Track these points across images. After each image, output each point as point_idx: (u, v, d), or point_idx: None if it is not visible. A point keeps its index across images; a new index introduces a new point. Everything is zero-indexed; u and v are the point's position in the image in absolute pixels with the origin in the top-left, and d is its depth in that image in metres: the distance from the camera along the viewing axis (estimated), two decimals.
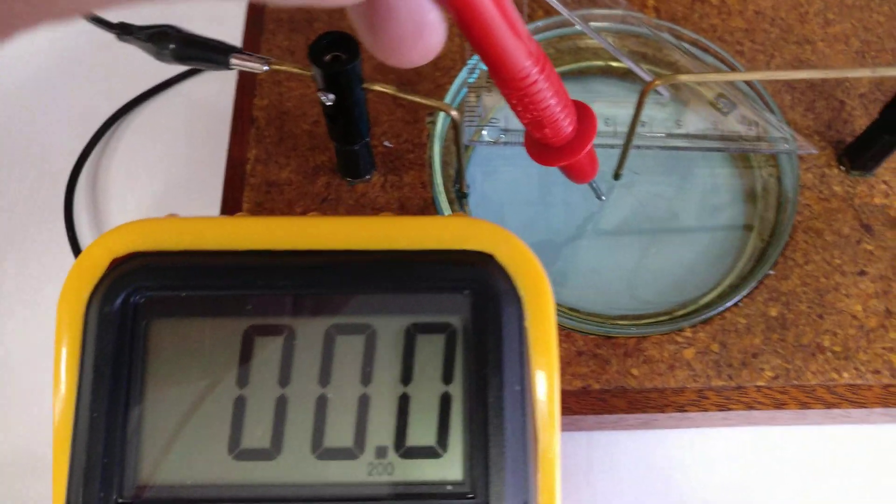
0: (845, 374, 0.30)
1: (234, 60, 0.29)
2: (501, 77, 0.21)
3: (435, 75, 0.38)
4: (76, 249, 0.38)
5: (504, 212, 0.36)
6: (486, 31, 0.19)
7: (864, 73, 0.26)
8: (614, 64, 0.39)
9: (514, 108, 0.22)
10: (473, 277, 0.23)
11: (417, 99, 0.29)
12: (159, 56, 0.30)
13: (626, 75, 0.38)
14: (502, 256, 0.23)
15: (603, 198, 0.35)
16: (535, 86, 0.21)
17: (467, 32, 0.19)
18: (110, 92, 0.43)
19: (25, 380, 0.36)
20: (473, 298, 0.23)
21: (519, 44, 0.20)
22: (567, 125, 0.24)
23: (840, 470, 0.32)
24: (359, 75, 0.29)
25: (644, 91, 0.28)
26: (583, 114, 0.25)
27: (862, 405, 0.30)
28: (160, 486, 0.22)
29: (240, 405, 0.23)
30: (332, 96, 0.29)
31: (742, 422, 0.32)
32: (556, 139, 0.24)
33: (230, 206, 0.35)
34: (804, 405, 0.30)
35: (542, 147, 0.26)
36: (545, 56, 0.21)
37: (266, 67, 0.29)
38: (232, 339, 0.23)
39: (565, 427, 0.32)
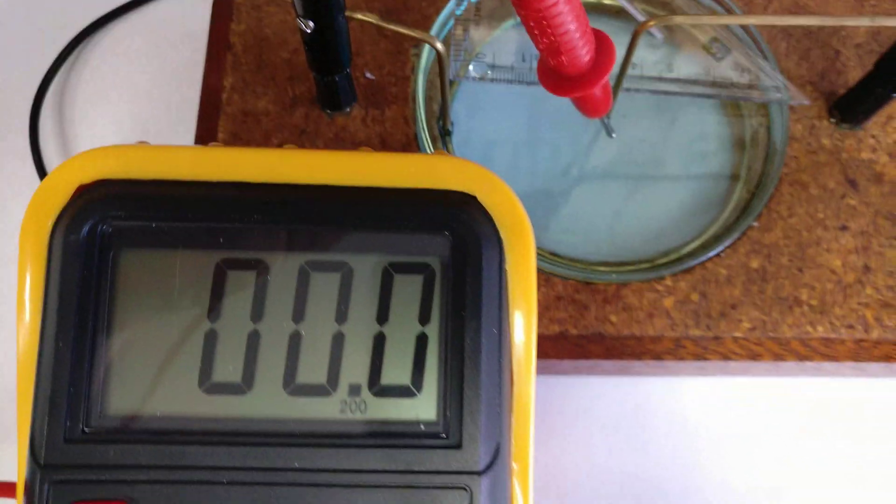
0: (820, 328, 0.31)
1: None
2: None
3: (421, 5, 0.36)
4: (43, 175, 0.37)
5: (488, 151, 0.35)
6: None
7: (863, 21, 0.25)
8: (607, 1, 0.37)
9: (530, 31, 0.21)
10: (455, 218, 0.23)
11: (401, 29, 0.28)
12: None
13: (619, 13, 0.37)
14: (485, 198, 0.23)
15: (614, 135, 0.34)
16: (556, 7, 0.20)
17: None
18: (78, 7, 0.41)
19: None
20: (454, 240, 0.23)
21: None
22: (585, 54, 0.23)
23: (809, 421, 0.33)
24: (340, 3, 0.27)
25: (636, 32, 0.27)
26: (601, 44, 0.24)
27: (833, 359, 0.30)
28: (127, 416, 0.22)
29: (211, 339, 0.22)
30: (311, 24, 0.27)
31: (717, 372, 0.32)
32: (573, 68, 0.23)
33: (205, 135, 0.34)
34: (778, 357, 0.30)
35: (556, 76, 0.25)
36: None
37: None
38: (204, 273, 0.22)
39: (541, 371, 0.32)
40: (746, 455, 0.32)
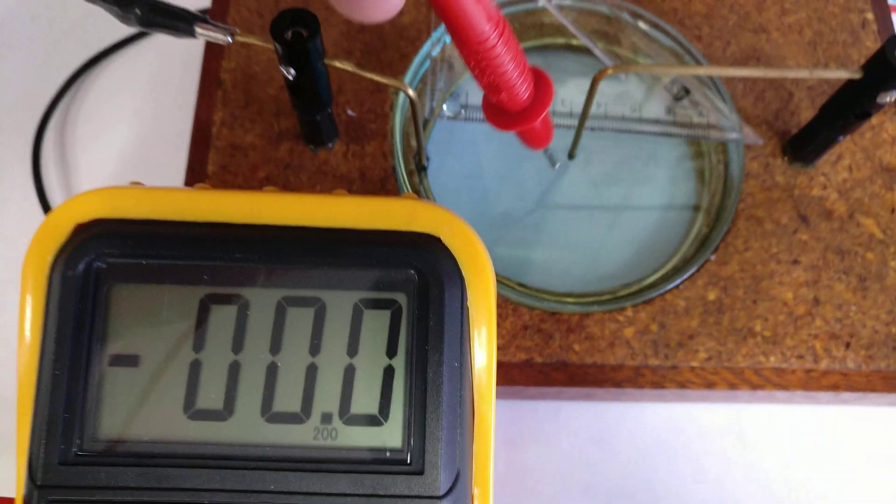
0: (772, 358, 0.32)
1: (199, 30, 0.30)
2: (461, 39, 0.21)
3: (399, 45, 0.38)
4: (45, 205, 0.38)
5: (461, 185, 0.37)
6: None
7: (803, 73, 0.27)
8: (575, 42, 0.39)
9: (472, 70, 0.23)
10: (420, 258, 0.24)
11: (375, 77, 0.29)
12: (124, 19, 0.30)
13: (588, 52, 0.39)
14: (448, 239, 0.24)
15: (557, 166, 0.36)
16: (494, 50, 0.22)
17: None
18: (76, 44, 0.43)
19: None
20: (419, 278, 0.24)
21: (479, 7, 0.20)
22: (524, 91, 0.25)
23: (764, 445, 0.34)
24: (319, 51, 0.29)
25: (595, 79, 0.29)
26: (540, 81, 0.25)
27: (784, 388, 0.32)
28: (117, 440, 0.23)
29: (195, 368, 0.24)
30: (293, 71, 0.29)
31: (675, 399, 0.34)
32: (513, 104, 0.25)
33: (195, 167, 0.36)
34: (733, 386, 0.32)
35: (499, 112, 0.26)
36: (505, 21, 0.21)
37: (230, 40, 0.29)
38: (189, 306, 0.24)
39: (509, 396, 0.34)
40: (704, 478, 0.34)
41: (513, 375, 0.32)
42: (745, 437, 0.34)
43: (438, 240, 0.24)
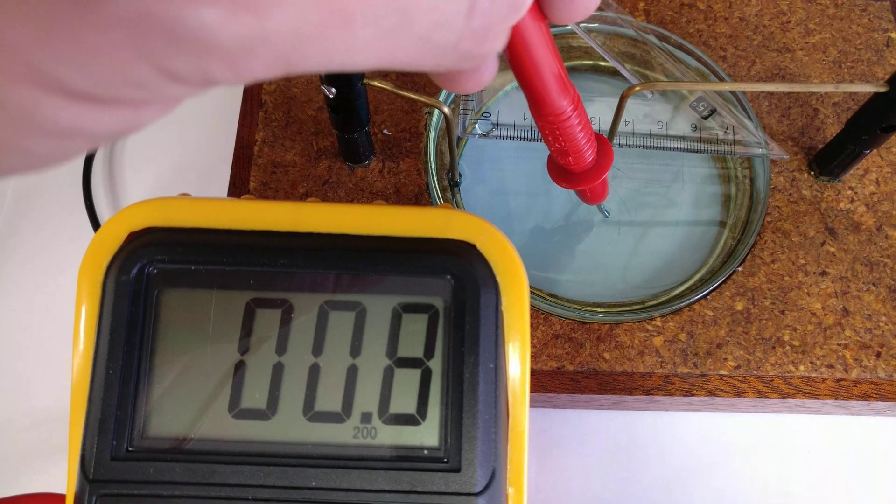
0: (801, 368, 0.33)
1: None
2: (542, 113, 0.23)
3: None
4: (94, 222, 0.40)
5: (492, 200, 0.38)
6: (537, 75, 0.21)
7: (828, 87, 0.28)
8: (603, 63, 0.40)
9: (545, 137, 0.25)
10: (456, 264, 0.25)
11: (413, 96, 0.31)
12: None
13: (614, 73, 0.40)
14: (483, 246, 0.25)
15: (608, 215, 0.37)
16: (569, 121, 0.23)
17: (520, 76, 0.21)
18: None
19: (49, 343, 0.38)
20: (455, 283, 0.25)
21: (560, 87, 0.22)
22: (589, 156, 0.26)
23: (793, 456, 0.35)
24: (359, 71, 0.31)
25: (623, 96, 0.30)
26: (602, 146, 0.27)
27: (815, 397, 0.32)
28: (166, 438, 0.24)
29: (240, 369, 0.25)
30: (333, 90, 0.31)
31: (705, 407, 0.34)
32: (578, 166, 0.27)
33: (238, 184, 0.38)
34: (762, 394, 0.32)
35: (563, 171, 0.28)
36: (578, 96, 0.23)
37: None
38: (235, 310, 0.25)
39: (541, 404, 0.34)
40: (733, 489, 0.34)
41: (544, 383, 0.32)
42: (775, 448, 0.35)
43: (473, 247, 0.25)
